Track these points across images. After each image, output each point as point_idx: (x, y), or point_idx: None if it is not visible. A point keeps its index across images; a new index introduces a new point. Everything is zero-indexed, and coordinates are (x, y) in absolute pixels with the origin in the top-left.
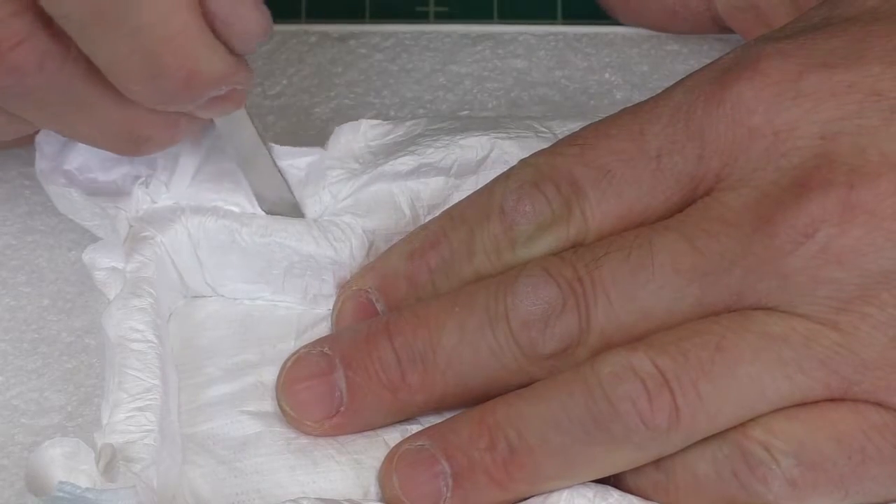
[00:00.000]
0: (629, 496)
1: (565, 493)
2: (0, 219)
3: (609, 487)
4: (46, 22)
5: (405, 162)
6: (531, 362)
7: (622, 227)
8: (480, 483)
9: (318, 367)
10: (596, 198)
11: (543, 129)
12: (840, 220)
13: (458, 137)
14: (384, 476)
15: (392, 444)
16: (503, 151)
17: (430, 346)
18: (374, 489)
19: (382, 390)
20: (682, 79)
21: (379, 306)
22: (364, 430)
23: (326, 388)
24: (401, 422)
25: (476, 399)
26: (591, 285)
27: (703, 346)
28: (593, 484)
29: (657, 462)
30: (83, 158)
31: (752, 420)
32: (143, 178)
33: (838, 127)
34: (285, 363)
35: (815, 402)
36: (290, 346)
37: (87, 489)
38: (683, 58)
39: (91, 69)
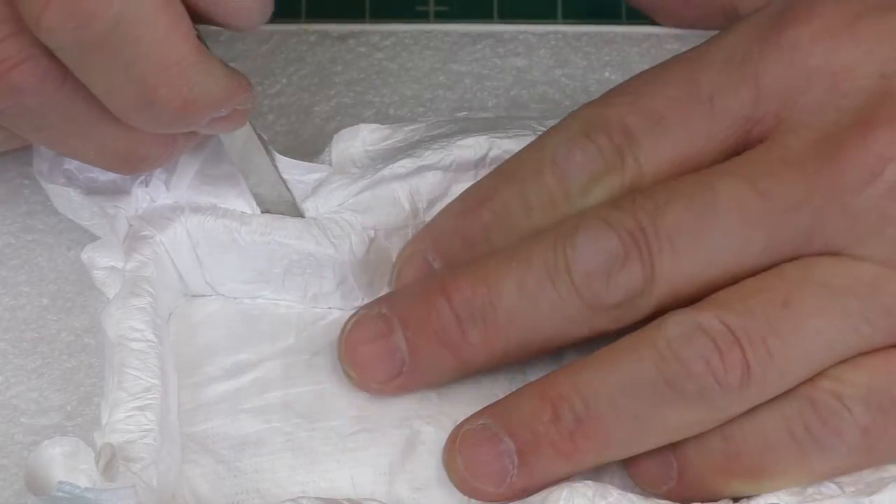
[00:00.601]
0: (629, 494)
1: (565, 492)
2: (0, 218)
3: (609, 486)
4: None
5: (404, 164)
6: (595, 313)
7: (677, 172)
8: (546, 456)
9: (377, 329)
10: (650, 144)
11: (542, 129)
12: None
13: (457, 139)
14: (448, 458)
15: (393, 442)
16: (502, 150)
17: (490, 303)
18: (374, 489)
19: (443, 350)
20: (731, 25)
21: (436, 265)
22: (430, 388)
23: (387, 349)
24: (404, 419)
25: (538, 352)
26: (654, 234)
27: (769, 302)
28: (593, 483)
29: (724, 433)
30: None
31: (819, 373)
32: (143, 178)
33: None
34: (345, 326)
35: (879, 349)
36: (290, 344)
37: (87, 489)
38: None
39: (89, 91)
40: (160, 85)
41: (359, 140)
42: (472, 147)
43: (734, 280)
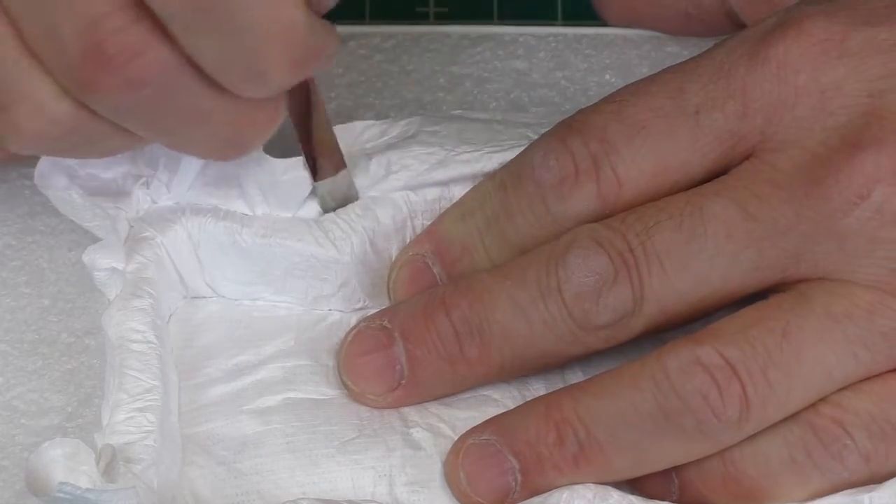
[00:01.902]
0: (629, 496)
1: (565, 494)
2: (0, 219)
3: (609, 488)
4: (162, 28)
5: (399, 177)
6: (586, 333)
7: (657, 184)
8: (550, 477)
9: (377, 341)
10: (630, 155)
11: (537, 136)
12: (894, 180)
13: (452, 154)
14: (450, 471)
15: (392, 447)
16: (499, 164)
17: (486, 319)
18: (374, 490)
19: (441, 363)
20: (723, 40)
21: (435, 269)
22: (427, 401)
23: (387, 361)
24: (403, 424)
25: (536, 368)
26: (643, 255)
27: (768, 332)
28: (593, 485)
29: (724, 456)
30: None
31: (820, 399)
32: (144, 178)
33: (885, 84)
34: (345, 338)
35: (878, 375)
36: (290, 346)
37: (88, 490)
38: (683, 59)
39: (204, 76)
40: (273, 50)
41: (354, 136)
42: (469, 163)
43: (724, 300)
